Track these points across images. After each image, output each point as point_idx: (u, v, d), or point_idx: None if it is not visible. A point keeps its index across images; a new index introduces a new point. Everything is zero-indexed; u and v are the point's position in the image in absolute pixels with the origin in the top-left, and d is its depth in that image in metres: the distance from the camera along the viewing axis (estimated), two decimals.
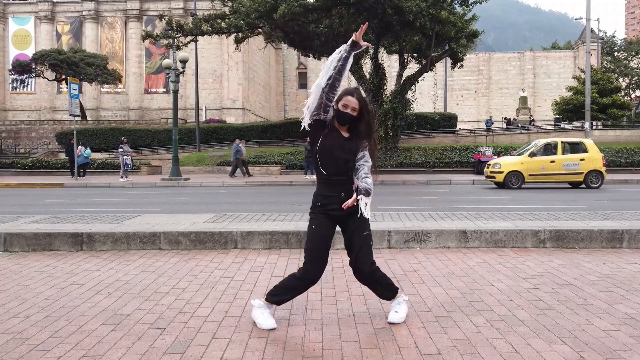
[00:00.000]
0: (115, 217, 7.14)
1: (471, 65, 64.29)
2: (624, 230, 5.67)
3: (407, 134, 32.23)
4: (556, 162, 16.48)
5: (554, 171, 16.50)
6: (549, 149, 16.97)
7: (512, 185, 16.50)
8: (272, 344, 2.93)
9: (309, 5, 23.64)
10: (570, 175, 16.54)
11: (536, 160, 16.59)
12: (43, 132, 45.73)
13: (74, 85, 22.72)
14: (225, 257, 5.29)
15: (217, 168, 28.71)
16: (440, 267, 4.77)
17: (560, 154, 16.66)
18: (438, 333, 3.08)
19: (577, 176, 16.48)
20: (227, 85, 56.12)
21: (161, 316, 3.45)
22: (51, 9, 57.47)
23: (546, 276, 4.42)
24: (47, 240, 5.74)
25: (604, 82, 42.65)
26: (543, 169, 16.50)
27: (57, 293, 4.03)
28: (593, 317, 3.34)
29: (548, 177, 16.67)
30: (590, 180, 16.43)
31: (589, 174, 16.40)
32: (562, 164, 16.42)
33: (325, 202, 3.26)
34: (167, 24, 26.28)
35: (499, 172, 16.70)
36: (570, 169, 16.43)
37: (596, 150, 16.67)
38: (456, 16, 25.27)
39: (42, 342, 2.98)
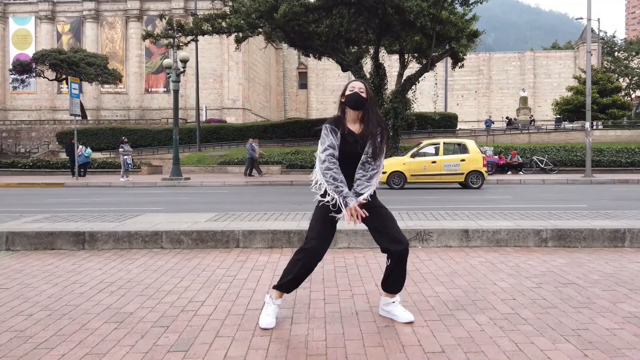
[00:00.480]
0: (117, 217, 7.14)
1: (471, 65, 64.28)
2: (626, 229, 5.67)
3: (407, 134, 32.19)
4: (437, 162, 16.66)
5: (435, 172, 16.69)
6: (432, 150, 17.12)
7: (394, 186, 16.66)
8: (275, 342, 2.93)
9: (310, 5, 23.63)
10: (452, 176, 16.69)
11: (418, 161, 16.76)
12: (43, 132, 45.72)
13: (74, 85, 22.72)
14: (227, 256, 5.29)
15: (217, 168, 28.71)
16: (442, 266, 4.77)
17: (442, 154, 16.81)
18: (442, 331, 3.08)
19: (458, 176, 16.63)
20: (227, 85, 56.11)
21: (164, 314, 3.45)
22: (51, 9, 57.46)
23: (549, 275, 4.42)
24: (49, 239, 5.74)
25: (605, 82, 42.65)
26: (425, 169, 16.68)
27: (60, 291, 4.03)
28: (596, 315, 3.34)
29: (430, 178, 16.85)
30: (471, 180, 16.58)
31: (470, 174, 16.55)
32: (443, 165, 16.60)
33: None
34: (168, 24, 26.26)
35: (382, 173, 16.81)
36: (451, 170, 16.59)
37: (477, 151, 16.80)
38: (457, 16, 25.23)
39: (45, 340, 2.98)
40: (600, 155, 27.08)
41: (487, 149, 26.03)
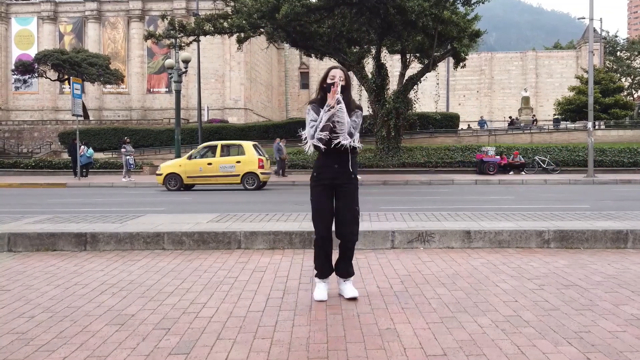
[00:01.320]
0: (119, 217, 7.15)
1: (473, 65, 64.22)
2: (629, 230, 5.66)
3: (409, 134, 32.20)
4: (213, 164, 16.77)
5: (211, 173, 16.79)
6: (210, 152, 17.24)
7: (171, 187, 16.68)
8: (277, 345, 2.93)
9: (312, 5, 23.63)
10: (228, 177, 16.82)
11: (194, 163, 16.86)
12: (46, 132, 45.80)
13: (76, 85, 22.78)
14: (228, 257, 5.29)
15: None
16: (444, 268, 4.76)
17: (218, 156, 16.92)
18: (443, 334, 3.07)
19: (234, 178, 16.77)
20: (229, 85, 56.15)
21: (166, 316, 3.45)
22: (54, 9, 57.56)
23: (551, 277, 4.41)
24: (50, 240, 5.74)
25: (607, 82, 42.53)
26: (201, 171, 16.77)
27: (62, 293, 4.04)
28: (599, 318, 3.33)
29: (206, 179, 16.96)
30: (247, 182, 16.74)
31: (245, 176, 16.72)
32: (219, 166, 16.74)
33: (320, 172, 3.78)
34: (170, 24, 26.30)
35: (159, 174, 17.03)
36: (227, 171, 16.72)
37: (253, 153, 16.94)
38: (458, 16, 25.22)
39: (46, 343, 2.98)
40: (602, 155, 27.03)
41: (489, 149, 26.01)
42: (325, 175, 3.77)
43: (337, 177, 3.77)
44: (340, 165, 3.75)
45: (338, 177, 3.77)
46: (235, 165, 16.74)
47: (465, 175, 23.25)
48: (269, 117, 61.81)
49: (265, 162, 17.19)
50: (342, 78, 3.66)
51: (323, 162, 3.78)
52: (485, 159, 25.04)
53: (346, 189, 3.79)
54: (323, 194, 3.78)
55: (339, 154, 3.73)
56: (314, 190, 3.82)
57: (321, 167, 3.79)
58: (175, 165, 16.96)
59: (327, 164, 3.76)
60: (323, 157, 3.77)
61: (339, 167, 3.75)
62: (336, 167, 3.75)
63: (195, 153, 17.27)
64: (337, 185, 3.78)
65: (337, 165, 3.75)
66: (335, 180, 3.77)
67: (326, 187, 3.78)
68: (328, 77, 3.67)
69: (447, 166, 26.70)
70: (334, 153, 3.72)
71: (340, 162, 3.75)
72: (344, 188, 3.78)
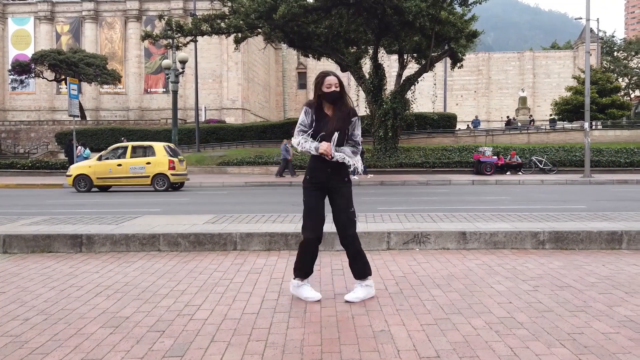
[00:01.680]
0: (115, 219, 7.14)
1: (471, 65, 64.26)
2: (623, 231, 5.67)
3: (406, 134, 32.22)
4: (123, 165, 16.78)
5: (122, 174, 16.80)
6: (121, 153, 17.23)
7: (80, 189, 16.69)
8: (271, 347, 2.93)
9: (309, 6, 23.64)
10: (138, 179, 16.86)
11: (104, 164, 16.87)
12: (42, 133, 45.71)
13: (73, 85, 22.71)
14: (224, 259, 5.29)
15: (217, 168, 28.71)
16: (439, 269, 4.77)
17: (129, 157, 16.92)
18: (437, 336, 3.08)
19: (145, 179, 16.81)
20: (226, 86, 56.10)
21: (160, 319, 3.45)
22: (51, 9, 57.43)
23: (545, 278, 4.42)
24: (46, 241, 5.74)
25: (604, 82, 42.63)
26: (110, 172, 16.78)
27: (56, 295, 4.03)
28: (592, 319, 3.34)
29: (117, 180, 16.96)
30: (157, 183, 16.78)
31: (155, 177, 16.77)
32: (129, 167, 16.75)
33: (313, 174, 3.82)
34: (167, 24, 26.27)
35: (69, 176, 17.04)
36: (137, 172, 16.75)
37: (164, 154, 16.96)
38: (456, 16, 25.26)
39: (41, 345, 2.98)
40: (599, 156, 27.09)
41: (486, 149, 26.04)
42: (317, 179, 3.81)
43: (329, 180, 3.80)
44: (333, 168, 3.77)
45: (330, 180, 3.80)
46: (145, 167, 16.74)
47: (463, 176, 23.27)
48: (266, 117, 61.78)
49: (177, 164, 17.11)
50: (337, 85, 3.71)
51: (315, 165, 3.81)
52: (482, 159, 25.08)
53: (340, 192, 3.82)
54: (314, 196, 3.82)
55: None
56: (306, 191, 3.85)
57: (314, 170, 3.82)
58: (85, 167, 16.95)
59: (320, 167, 3.78)
60: (315, 160, 3.80)
61: (332, 170, 3.77)
62: (329, 170, 3.77)
63: (105, 154, 17.26)
64: (330, 188, 3.82)
65: (330, 169, 3.77)
66: (328, 184, 3.81)
67: (318, 190, 3.82)
68: (324, 84, 3.69)
69: (445, 166, 26.73)
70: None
71: (333, 166, 3.76)
72: (338, 191, 3.82)
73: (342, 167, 3.80)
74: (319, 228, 3.83)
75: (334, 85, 3.69)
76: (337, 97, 3.72)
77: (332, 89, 3.69)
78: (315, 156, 3.76)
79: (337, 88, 3.71)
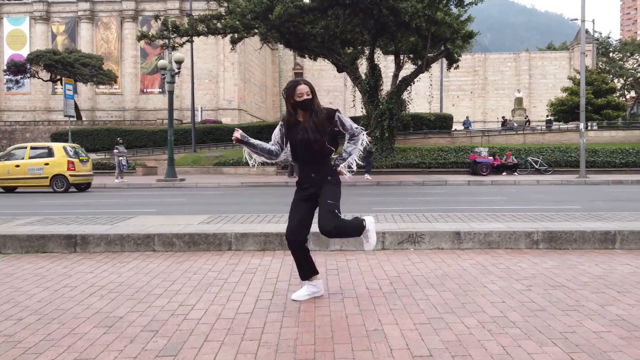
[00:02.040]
0: (110, 219, 7.13)
1: (467, 66, 64.43)
2: (617, 231, 5.70)
3: (403, 135, 32.26)
4: (21, 166, 16.74)
5: (20, 175, 16.78)
6: (19, 154, 17.22)
7: None
8: (264, 347, 2.94)
9: (305, 6, 23.65)
10: (37, 180, 16.81)
11: (1, 165, 16.82)
12: (38, 133, 45.57)
13: (69, 85, 22.69)
14: (219, 259, 5.29)
15: (213, 169, 28.69)
16: (433, 269, 4.79)
17: (27, 158, 16.89)
18: (430, 335, 3.09)
19: (43, 180, 16.78)
20: (223, 86, 56.07)
21: (154, 318, 3.45)
22: (46, 9, 57.29)
23: (539, 277, 4.44)
24: (40, 242, 5.73)
25: (599, 83, 42.80)
26: (9, 173, 16.73)
27: (50, 295, 4.03)
28: (584, 318, 3.36)
29: (15, 182, 16.94)
30: (56, 184, 16.74)
31: (54, 178, 16.72)
32: (27, 169, 16.70)
33: (301, 182, 3.84)
34: (163, 25, 26.24)
35: None
36: (36, 174, 16.71)
37: (62, 155, 16.95)
38: (452, 17, 25.31)
39: (34, 345, 2.98)
40: (594, 156, 27.21)
41: (482, 150, 26.11)
42: (304, 186, 3.83)
43: (315, 185, 3.79)
44: (317, 173, 3.77)
45: (316, 185, 3.79)
46: (43, 168, 16.68)
47: (459, 176, 23.32)
48: (262, 118, 61.76)
49: (77, 165, 17.06)
50: (309, 92, 3.70)
51: (302, 172, 3.84)
52: (478, 159, 25.15)
53: (324, 188, 3.79)
54: (299, 201, 3.84)
55: (316, 162, 3.76)
56: (295, 195, 3.89)
57: (300, 177, 3.86)
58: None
59: (305, 174, 3.81)
60: (299, 168, 3.85)
61: (316, 175, 3.77)
62: (313, 175, 3.77)
63: (3, 155, 17.24)
64: (318, 191, 3.80)
65: (314, 174, 3.77)
66: (315, 189, 3.79)
67: (307, 195, 3.82)
68: (296, 94, 3.68)
69: (441, 167, 26.79)
70: (310, 162, 3.77)
71: (317, 171, 3.77)
72: (322, 188, 3.80)
73: (325, 168, 3.78)
74: (299, 231, 3.78)
75: (305, 94, 3.68)
76: (308, 105, 3.70)
77: (303, 97, 3.68)
78: (301, 163, 3.81)
79: (309, 96, 3.70)
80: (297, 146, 3.75)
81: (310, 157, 3.74)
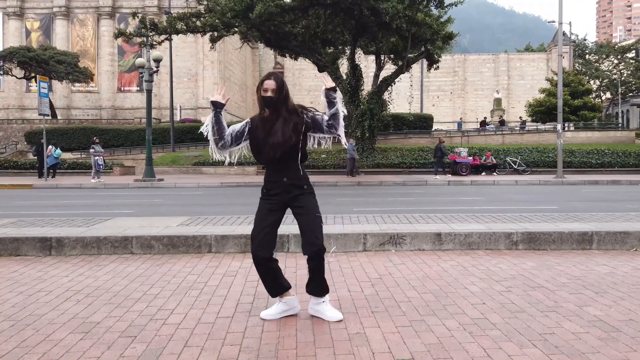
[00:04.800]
0: (86, 221, 6.99)
1: (447, 67, 65.00)
2: (594, 232, 5.79)
3: (383, 135, 32.39)
4: None
5: None
6: None
7: None
8: (245, 352, 2.90)
9: (286, 6, 23.55)
10: None
11: None
12: (11, 132, 44.55)
13: (43, 84, 22.19)
14: (199, 262, 5.22)
15: (192, 168, 28.40)
16: (415, 270, 4.80)
17: None
18: (412, 337, 3.09)
19: None
20: (202, 85, 55.56)
21: (132, 324, 3.38)
22: (20, 5, 55.97)
23: (518, 278, 4.48)
24: (13, 245, 5.58)
25: (576, 85, 43.60)
26: None
27: (24, 300, 3.92)
28: (563, 319, 3.40)
29: None
30: None
31: None
32: None
33: (269, 187, 3.45)
34: (141, 22, 25.87)
35: None
36: None
37: None
38: (432, 18, 25.48)
39: (7, 353, 2.89)
40: (571, 157, 27.69)
41: (462, 150, 26.36)
42: (274, 192, 3.43)
43: (288, 192, 3.42)
44: (289, 177, 3.42)
45: (290, 191, 3.42)
46: None
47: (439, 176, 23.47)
48: (243, 117, 61.30)
49: None
50: (274, 88, 3.33)
51: (271, 177, 3.46)
52: (458, 160, 25.38)
53: (302, 200, 3.43)
54: (268, 211, 3.43)
55: (287, 165, 3.41)
56: (260, 205, 3.48)
57: (269, 182, 3.45)
58: None
59: (275, 178, 3.44)
60: (270, 171, 3.48)
61: (288, 180, 3.41)
62: (285, 180, 3.41)
63: None
64: (290, 199, 3.44)
65: (287, 179, 3.41)
66: (287, 195, 3.42)
67: (276, 204, 3.44)
68: (262, 88, 3.36)
69: (421, 167, 26.96)
70: (280, 165, 3.41)
71: (289, 175, 3.42)
72: (300, 200, 3.43)
73: (297, 173, 3.44)
74: (269, 245, 3.40)
75: (270, 90, 3.33)
76: (270, 101, 3.35)
77: (267, 93, 3.34)
78: (270, 166, 3.44)
79: (273, 94, 3.34)
80: (262, 147, 3.39)
81: (279, 160, 3.37)
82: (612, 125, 43.36)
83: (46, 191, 17.86)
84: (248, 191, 16.71)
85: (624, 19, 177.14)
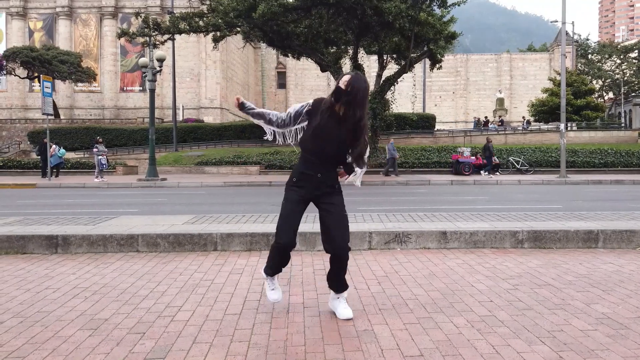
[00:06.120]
0: (91, 219, 7.01)
1: (449, 67, 65.00)
2: (599, 230, 5.79)
3: (386, 135, 32.36)
4: None
5: None
6: None
7: None
8: (254, 348, 2.90)
9: (289, 5, 23.55)
10: None
11: None
12: (14, 131, 44.67)
13: (46, 83, 22.22)
14: (204, 260, 5.23)
15: (195, 168, 28.42)
16: (420, 268, 4.80)
17: None
18: (420, 335, 3.09)
19: None
20: (204, 84, 55.63)
21: (140, 320, 3.39)
22: (23, 5, 56.14)
23: (525, 277, 4.48)
24: (20, 243, 5.59)
25: (579, 84, 43.56)
26: None
27: (32, 297, 3.93)
28: (571, 317, 3.40)
29: None
30: None
31: None
32: None
33: (300, 178, 3.35)
34: (144, 22, 25.89)
35: None
36: None
37: None
38: (435, 18, 25.45)
39: (17, 349, 2.90)
40: (574, 156, 27.63)
41: (465, 150, 26.33)
42: (304, 184, 3.35)
43: (318, 188, 3.35)
44: (324, 174, 3.33)
45: (319, 188, 3.35)
46: None
47: (441, 176, 23.47)
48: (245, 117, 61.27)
49: None
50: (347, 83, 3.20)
51: (305, 169, 3.34)
52: (460, 159, 25.35)
53: (332, 198, 3.38)
54: (295, 202, 3.36)
55: (328, 163, 3.33)
56: (288, 194, 3.40)
57: (301, 174, 3.35)
58: None
59: (310, 171, 3.33)
60: (306, 163, 3.35)
61: (322, 176, 3.32)
62: (319, 176, 3.32)
63: None
64: (317, 196, 3.37)
65: (321, 175, 3.32)
66: (315, 192, 3.36)
67: (303, 196, 3.37)
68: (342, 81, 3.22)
69: (424, 167, 26.93)
70: (323, 160, 3.31)
71: (325, 172, 3.33)
72: (330, 197, 3.37)
73: (333, 174, 3.39)
74: (294, 235, 3.37)
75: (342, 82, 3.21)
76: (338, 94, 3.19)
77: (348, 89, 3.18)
78: (311, 158, 3.32)
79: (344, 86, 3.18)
80: (320, 136, 3.24)
81: (326, 156, 3.29)
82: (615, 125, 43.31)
83: (50, 190, 17.89)
84: (251, 190, 16.71)
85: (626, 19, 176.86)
